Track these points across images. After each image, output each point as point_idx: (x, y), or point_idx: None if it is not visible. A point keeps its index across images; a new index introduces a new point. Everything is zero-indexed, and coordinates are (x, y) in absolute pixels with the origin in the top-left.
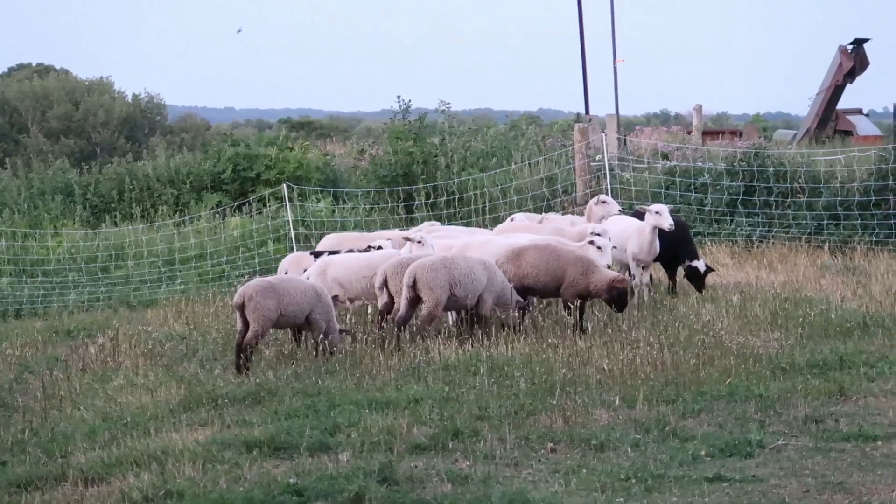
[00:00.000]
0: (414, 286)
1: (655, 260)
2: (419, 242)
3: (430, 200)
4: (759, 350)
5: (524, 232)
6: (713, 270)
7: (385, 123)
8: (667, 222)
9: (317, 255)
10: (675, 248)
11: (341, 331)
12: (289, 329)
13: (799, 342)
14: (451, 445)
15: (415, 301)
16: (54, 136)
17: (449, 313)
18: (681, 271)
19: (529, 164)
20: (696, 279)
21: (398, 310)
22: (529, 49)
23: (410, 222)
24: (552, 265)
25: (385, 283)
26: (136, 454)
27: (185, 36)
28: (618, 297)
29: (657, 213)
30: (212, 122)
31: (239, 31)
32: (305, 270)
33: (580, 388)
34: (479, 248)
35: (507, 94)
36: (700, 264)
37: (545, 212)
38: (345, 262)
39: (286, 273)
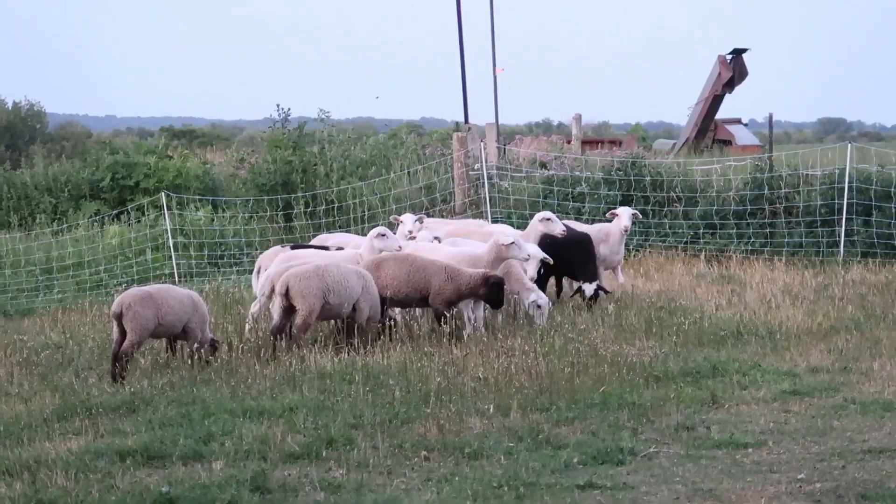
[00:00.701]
0: (287, 294)
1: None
2: (383, 235)
3: (310, 209)
4: (634, 358)
5: (467, 237)
6: (607, 292)
7: (264, 132)
8: (558, 228)
9: (297, 248)
10: (572, 265)
11: (213, 341)
12: (164, 339)
13: (673, 350)
14: (324, 454)
15: (289, 310)
16: None
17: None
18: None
19: (409, 172)
20: (584, 300)
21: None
22: (412, 58)
23: (289, 231)
24: (413, 277)
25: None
26: (7, 463)
27: (67, 43)
28: (496, 289)
29: (548, 219)
30: (93, 131)
31: None
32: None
33: (455, 396)
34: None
35: (389, 103)
36: (589, 288)
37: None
38: (310, 258)
39: (259, 269)
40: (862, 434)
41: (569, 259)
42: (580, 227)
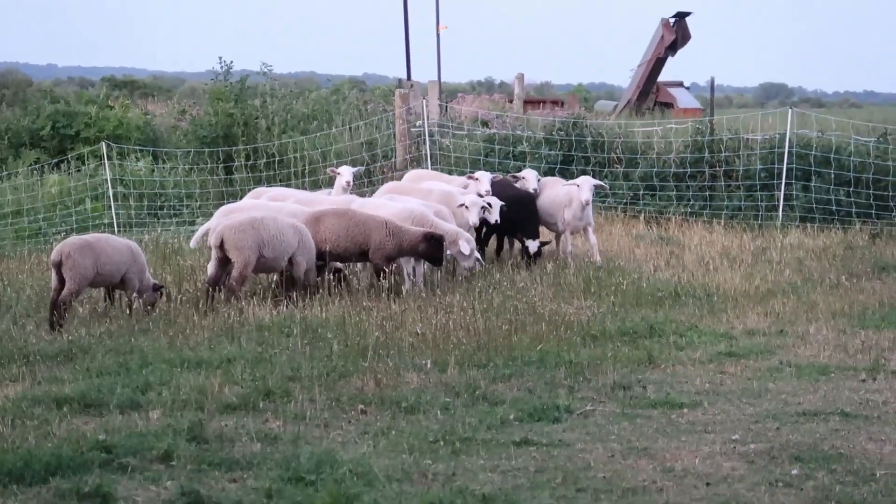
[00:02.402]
0: (221, 247)
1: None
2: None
3: (251, 162)
4: (571, 317)
5: (410, 195)
6: (547, 243)
7: (206, 84)
8: (483, 188)
9: None
10: (514, 223)
11: (156, 287)
12: (102, 287)
13: (611, 310)
14: (261, 405)
15: (224, 261)
16: None
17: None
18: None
19: (350, 128)
20: (528, 257)
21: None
22: (356, 13)
23: (229, 184)
24: (352, 231)
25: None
26: None
27: None
28: (436, 246)
29: (477, 179)
30: (34, 79)
31: None
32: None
33: (392, 351)
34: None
35: (332, 58)
36: (533, 245)
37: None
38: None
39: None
40: (796, 397)
41: (511, 218)
42: (556, 182)
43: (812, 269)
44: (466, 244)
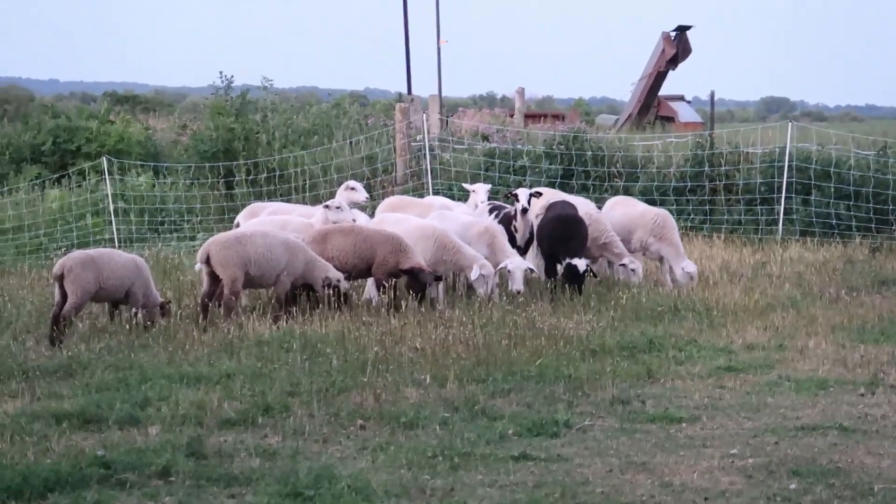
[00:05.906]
0: (209, 262)
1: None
2: (338, 208)
3: (251, 177)
4: (571, 332)
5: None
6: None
7: (207, 99)
8: (480, 199)
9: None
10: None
11: (163, 304)
12: (105, 303)
13: (610, 325)
14: (260, 421)
15: (215, 276)
16: None
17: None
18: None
19: (350, 142)
20: (575, 279)
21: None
22: (357, 28)
23: (230, 199)
24: (360, 248)
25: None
26: None
27: (11, 5)
28: (413, 279)
29: (473, 191)
30: (35, 94)
31: None
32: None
33: (392, 366)
34: (391, 225)
35: (333, 73)
36: (581, 263)
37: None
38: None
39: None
40: (795, 411)
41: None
42: (627, 200)
43: (812, 284)
44: (478, 269)
